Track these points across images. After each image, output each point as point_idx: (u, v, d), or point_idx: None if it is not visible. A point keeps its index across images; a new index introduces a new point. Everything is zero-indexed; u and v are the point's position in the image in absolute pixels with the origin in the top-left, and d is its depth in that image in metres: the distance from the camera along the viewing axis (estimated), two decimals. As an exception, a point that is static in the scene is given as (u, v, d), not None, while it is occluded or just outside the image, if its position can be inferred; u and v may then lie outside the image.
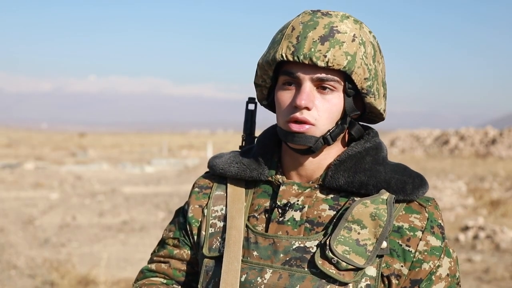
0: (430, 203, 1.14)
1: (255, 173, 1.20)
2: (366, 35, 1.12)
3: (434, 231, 1.11)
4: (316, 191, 1.16)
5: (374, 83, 1.12)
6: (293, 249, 1.10)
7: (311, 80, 1.09)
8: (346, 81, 1.10)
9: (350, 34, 1.09)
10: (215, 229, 1.20)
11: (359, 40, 1.09)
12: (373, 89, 1.12)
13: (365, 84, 1.10)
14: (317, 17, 1.10)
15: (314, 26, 1.09)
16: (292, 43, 1.09)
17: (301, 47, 1.08)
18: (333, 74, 1.09)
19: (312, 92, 1.10)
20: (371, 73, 1.11)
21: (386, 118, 1.21)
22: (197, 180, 1.31)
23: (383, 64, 1.17)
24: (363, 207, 1.10)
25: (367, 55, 1.10)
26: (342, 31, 1.08)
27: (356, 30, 1.10)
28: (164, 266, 1.28)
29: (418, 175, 1.15)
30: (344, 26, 1.09)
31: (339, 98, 1.11)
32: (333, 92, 1.10)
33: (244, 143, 1.36)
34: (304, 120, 1.09)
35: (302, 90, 1.09)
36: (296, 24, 1.11)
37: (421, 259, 1.10)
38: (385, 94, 1.18)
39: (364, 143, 1.18)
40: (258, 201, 1.21)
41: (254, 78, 1.21)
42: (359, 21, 1.13)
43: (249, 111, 1.35)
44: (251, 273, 1.12)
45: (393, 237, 1.10)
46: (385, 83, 1.18)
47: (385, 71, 1.19)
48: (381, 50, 1.17)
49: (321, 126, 1.11)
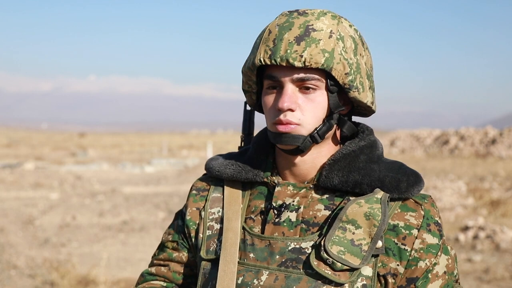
0: (426, 201, 1.14)
1: (251, 175, 1.20)
2: (344, 30, 1.11)
3: (431, 228, 1.10)
4: (311, 191, 1.16)
5: (357, 77, 1.11)
6: (288, 250, 1.10)
7: (292, 82, 1.09)
8: (327, 78, 1.10)
9: (326, 31, 1.08)
10: (212, 231, 1.20)
11: (337, 35, 1.09)
12: (355, 83, 1.10)
13: (347, 79, 1.09)
14: (292, 18, 1.10)
15: (290, 27, 1.09)
16: (269, 47, 1.09)
17: (277, 50, 1.08)
18: (312, 73, 1.08)
19: (295, 93, 1.10)
20: (352, 67, 1.10)
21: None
22: (195, 182, 1.31)
23: (367, 57, 1.15)
24: (357, 206, 1.09)
25: (347, 50, 1.09)
26: (318, 29, 1.08)
27: (334, 26, 1.09)
28: (164, 269, 1.28)
29: (413, 173, 1.14)
30: (320, 23, 1.09)
31: (322, 96, 1.11)
32: (315, 90, 1.10)
33: (243, 144, 1.36)
34: (288, 122, 1.09)
35: (284, 93, 1.09)
36: (272, 27, 1.11)
37: (417, 257, 1.09)
38: (372, 86, 1.16)
39: (358, 141, 1.17)
40: (254, 202, 1.20)
41: (241, 85, 1.21)
42: (337, 16, 1.12)
43: (247, 112, 1.35)
44: (248, 275, 1.12)
45: (388, 236, 1.09)
46: (371, 76, 1.17)
47: (371, 63, 1.18)
48: (365, 43, 1.16)
49: (306, 125, 1.10)
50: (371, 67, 1.17)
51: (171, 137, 64.20)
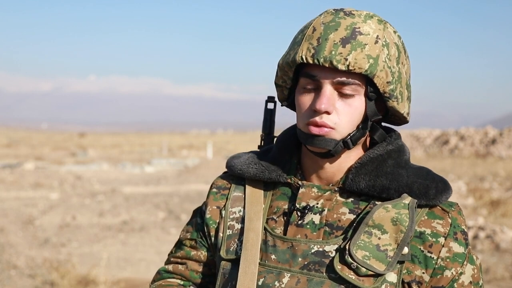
0: (454, 208, 1.11)
1: (274, 175, 1.18)
2: (390, 36, 1.08)
3: (457, 237, 1.08)
4: (336, 194, 1.13)
5: (397, 86, 1.08)
6: (311, 253, 1.08)
7: (331, 84, 1.06)
8: (368, 84, 1.07)
9: (373, 36, 1.05)
10: (232, 231, 1.18)
11: (383, 41, 1.06)
12: (396, 93, 1.08)
13: (388, 88, 1.06)
14: (339, 18, 1.07)
15: (336, 28, 1.05)
16: (313, 45, 1.06)
17: (321, 50, 1.04)
18: (354, 77, 1.05)
19: (333, 96, 1.07)
20: (394, 76, 1.07)
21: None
22: (215, 180, 1.29)
23: (408, 66, 1.13)
24: (384, 211, 1.07)
25: (391, 57, 1.06)
26: (364, 33, 1.05)
27: (380, 31, 1.06)
28: (181, 267, 1.26)
29: (441, 180, 1.12)
30: (367, 27, 1.05)
31: (360, 102, 1.08)
32: (354, 95, 1.07)
33: (263, 143, 1.32)
34: (323, 124, 1.07)
35: (322, 94, 1.06)
36: (317, 25, 1.08)
37: (443, 266, 1.07)
38: (409, 96, 1.13)
39: (386, 145, 1.15)
40: (276, 203, 1.18)
41: (274, 78, 1.18)
42: (383, 20, 1.09)
43: (268, 110, 1.31)
44: (269, 277, 1.10)
45: (414, 243, 1.07)
46: (410, 85, 1.14)
47: (410, 72, 1.15)
48: (406, 51, 1.13)
49: (341, 130, 1.08)
50: (409, 76, 1.14)
51: (171, 137, 64.18)
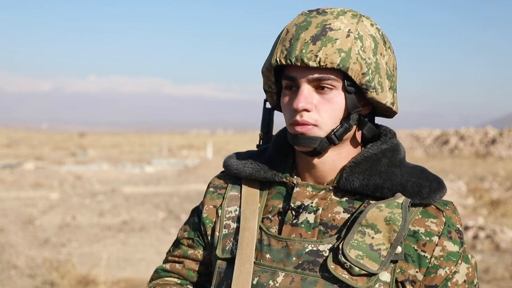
0: (448, 207, 1.11)
1: (270, 174, 1.19)
2: (364, 29, 1.08)
3: (452, 236, 1.08)
4: (330, 193, 1.14)
5: (375, 77, 1.08)
6: (306, 253, 1.09)
7: (308, 82, 1.08)
8: (344, 78, 1.08)
9: (344, 30, 1.06)
10: (228, 230, 1.18)
11: (355, 34, 1.07)
12: (373, 83, 1.08)
13: (364, 79, 1.07)
14: (311, 17, 1.09)
15: (307, 27, 1.07)
16: (285, 47, 1.08)
17: (293, 50, 1.07)
18: (328, 73, 1.07)
19: (311, 94, 1.08)
20: (370, 67, 1.07)
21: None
22: (212, 180, 1.30)
23: (389, 56, 1.12)
24: (378, 211, 1.07)
25: (365, 49, 1.07)
26: (335, 28, 1.06)
27: (352, 25, 1.07)
28: (178, 266, 1.27)
29: (435, 178, 1.12)
30: (338, 22, 1.07)
31: (339, 96, 1.09)
32: (332, 90, 1.08)
33: (262, 142, 1.33)
34: (304, 122, 1.08)
35: (300, 93, 1.08)
36: (290, 27, 1.11)
37: (436, 264, 1.07)
38: (392, 86, 1.13)
39: (380, 144, 1.15)
40: (272, 202, 1.19)
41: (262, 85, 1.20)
42: (358, 14, 1.10)
43: (266, 110, 1.31)
44: (263, 276, 1.10)
45: (408, 242, 1.07)
46: (392, 75, 1.13)
47: (394, 62, 1.15)
48: (387, 42, 1.13)
49: (323, 126, 1.09)
50: (393, 66, 1.14)
51: (171, 137, 64.19)
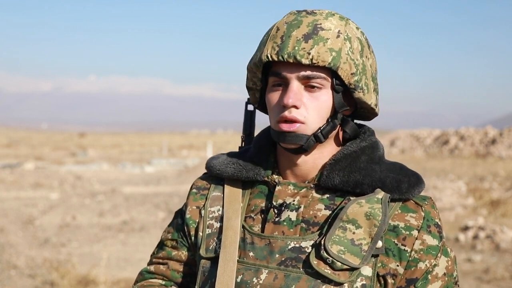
0: (427, 202, 1.14)
1: (251, 174, 1.20)
2: (352, 31, 1.12)
3: (431, 230, 1.11)
4: (312, 190, 1.16)
5: (362, 78, 1.11)
6: (288, 249, 1.10)
7: (297, 79, 1.10)
8: (333, 77, 1.10)
9: (334, 31, 1.09)
10: (212, 230, 1.20)
11: (344, 36, 1.09)
12: (361, 84, 1.11)
13: (352, 79, 1.10)
14: (301, 16, 1.11)
15: (298, 25, 1.09)
16: (277, 43, 1.10)
17: (285, 47, 1.08)
18: (319, 71, 1.09)
19: (300, 91, 1.10)
20: (358, 68, 1.10)
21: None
22: (195, 181, 1.31)
23: (372, 60, 1.16)
24: (358, 206, 1.09)
25: (354, 50, 1.10)
26: (326, 28, 1.09)
27: (341, 26, 1.10)
28: (163, 268, 1.28)
29: (414, 174, 1.15)
30: (328, 23, 1.09)
31: (327, 95, 1.11)
32: (321, 89, 1.10)
33: (244, 144, 1.36)
34: (293, 119, 1.09)
35: (289, 89, 1.09)
36: (280, 25, 1.12)
37: (417, 258, 1.09)
38: (376, 89, 1.17)
39: (360, 142, 1.17)
40: (254, 201, 1.21)
41: (245, 82, 1.21)
42: (345, 17, 1.13)
43: (248, 112, 1.35)
44: (247, 273, 1.12)
45: (388, 237, 1.10)
46: (376, 79, 1.18)
47: (376, 66, 1.19)
48: (371, 46, 1.17)
49: (311, 124, 1.11)
50: (375, 70, 1.18)
51: (171, 137, 64.20)
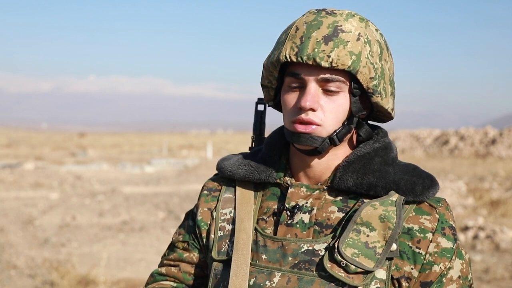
0: (441, 204, 1.12)
1: (263, 175, 1.19)
2: (372, 34, 1.10)
3: (445, 232, 1.09)
4: (324, 193, 1.15)
5: (381, 82, 1.10)
6: (301, 252, 1.09)
7: (316, 81, 1.08)
8: (351, 81, 1.09)
9: (355, 33, 1.07)
10: (224, 232, 1.19)
11: (364, 39, 1.08)
12: (379, 88, 1.10)
13: (371, 84, 1.08)
14: (321, 17, 1.09)
15: (318, 26, 1.07)
16: (296, 44, 1.08)
17: (304, 48, 1.06)
18: (338, 74, 1.07)
19: (317, 93, 1.08)
20: (377, 72, 1.09)
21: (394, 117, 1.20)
22: (206, 182, 1.30)
23: (391, 63, 1.15)
24: (372, 209, 1.08)
25: (373, 54, 1.08)
26: (346, 30, 1.07)
27: (362, 28, 1.08)
28: (174, 270, 1.27)
29: (428, 176, 1.13)
30: (349, 25, 1.07)
31: (345, 98, 1.10)
32: (338, 92, 1.09)
33: (254, 144, 1.34)
34: (309, 121, 1.08)
35: (307, 92, 1.08)
36: (300, 24, 1.10)
37: (431, 261, 1.08)
38: (393, 93, 1.16)
39: (373, 143, 1.16)
40: (267, 203, 1.19)
41: (260, 79, 1.19)
42: (365, 19, 1.11)
43: (258, 112, 1.33)
44: (260, 276, 1.10)
45: (403, 239, 1.08)
46: (393, 82, 1.16)
47: (393, 69, 1.17)
48: (389, 48, 1.15)
49: (327, 126, 1.09)
50: (393, 73, 1.16)
51: (171, 137, 64.17)
